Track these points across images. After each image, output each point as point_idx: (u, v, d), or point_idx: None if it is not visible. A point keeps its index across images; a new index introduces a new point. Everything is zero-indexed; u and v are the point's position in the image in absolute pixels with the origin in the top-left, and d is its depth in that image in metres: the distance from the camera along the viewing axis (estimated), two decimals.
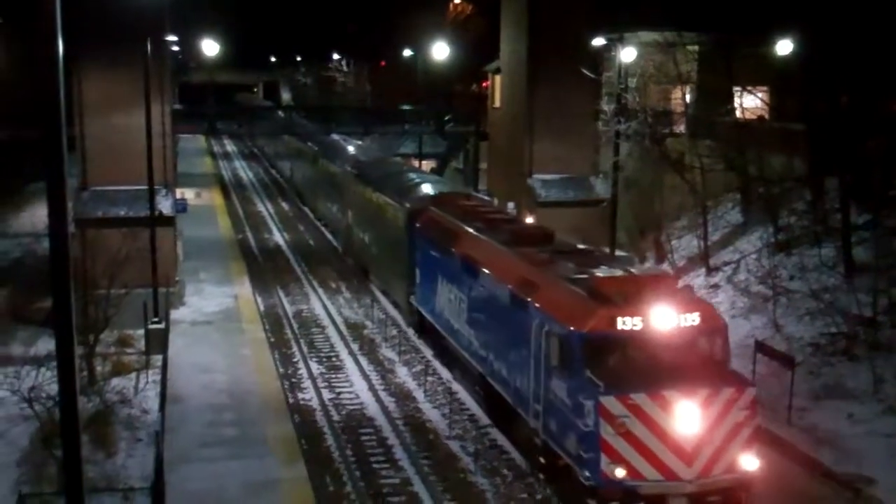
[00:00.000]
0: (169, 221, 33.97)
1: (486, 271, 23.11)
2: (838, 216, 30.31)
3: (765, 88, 40.42)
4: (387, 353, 30.33)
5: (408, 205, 32.13)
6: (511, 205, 42.15)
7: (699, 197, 36.08)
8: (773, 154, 34.82)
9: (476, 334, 23.97)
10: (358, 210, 41.07)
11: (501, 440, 22.75)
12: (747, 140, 35.57)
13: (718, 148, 36.76)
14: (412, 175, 38.14)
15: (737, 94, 38.75)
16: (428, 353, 29.57)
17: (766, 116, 40.27)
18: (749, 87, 38.72)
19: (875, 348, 24.55)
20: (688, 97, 40.44)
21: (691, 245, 37.11)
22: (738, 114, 38.30)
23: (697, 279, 33.59)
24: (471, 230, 26.41)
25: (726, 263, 33.94)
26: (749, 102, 39.11)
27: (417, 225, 30.35)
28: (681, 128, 40.81)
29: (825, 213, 32.02)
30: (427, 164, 59.98)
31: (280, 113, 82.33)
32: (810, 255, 30.50)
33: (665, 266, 36.41)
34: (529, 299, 19.74)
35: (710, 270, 33.94)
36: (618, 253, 33.39)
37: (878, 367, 23.55)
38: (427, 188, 33.80)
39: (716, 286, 32.50)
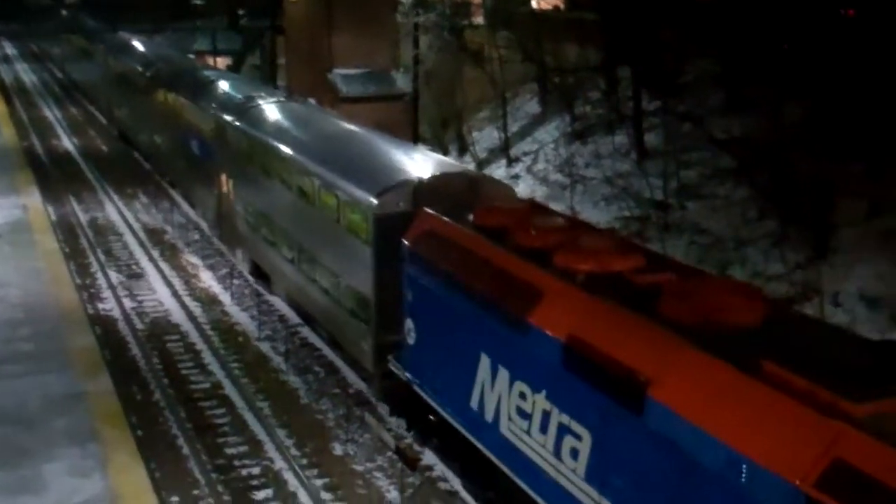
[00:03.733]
0: None
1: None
2: (631, 104, 31.25)
3: None
4: (189, 258, 29.62)
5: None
6: (312, 101, 41.49)
7: (498, 89, 36.44)
8: (569, 44, 35.40)
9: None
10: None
11: (312, 338, 22.74)
12: (544, 31, 35.98)
13: (516, 39, 37.05)
14: (207, 73, 36.54)
15: None
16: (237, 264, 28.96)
17: (562, 6, 40.80)
18: None
19: (666, 230, 25.66)
20: None
21: (492, 136, 37.62)
22: (534, 4, 38.62)
23: (499, 170, 34.12)
24: None
25: (526, 154, 34.60)
26: None
27: None
28: (479, 19, 40.87)
29: (618, 101, 32.95)
30: (222, 62, 58.05)
31: (63, 12, 77.69)
32: (605, 143, 31.45)
33: (467, 158, 36.82)
34: None
35: (511, 161, 34.54)
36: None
37: (668, 248, 24.68)
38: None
39: (516, 176, 33.11)
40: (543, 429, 12.57)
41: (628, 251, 13.62)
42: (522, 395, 13.07)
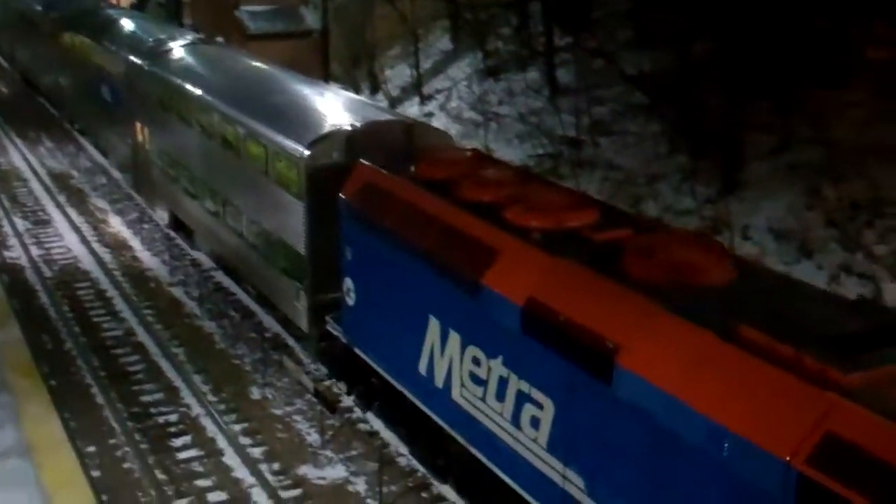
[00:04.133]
0: None
1: None
2: (543, 40, 31.21)
3: None
4: (97, 202, 28.95)
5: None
6: (220, 40, 40.57)
7: (409, 25, 36.06)
8: None
9: None
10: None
11: (227, 282, 22.48)
12: None
13: None
14: (113, 13, 35.36)
15: None
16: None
17: None
18: None
19: (579, 166, 25.83)
20: None
21: (404, 74, 37.29)
22: None
23: (412, 109, 33.90)
24: None
25: (439, 91, 34.41)
26: None
27: None
28: None
29: (530, 37, 32.87)
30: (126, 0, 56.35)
31: None
32: (517, 80, 31.41)
33: (380, 97, 36.49)
34: None
35: (424, 99, 34.32)
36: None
37: (582, 184, 24.85)
38: None
39: (430, 115, 32.93)
40: (500, 396, 11.91)
41: (581, 204, 12.97)
42: (476, 361, 12.37)
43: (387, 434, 16.10)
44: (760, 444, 8.37)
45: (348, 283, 15.87)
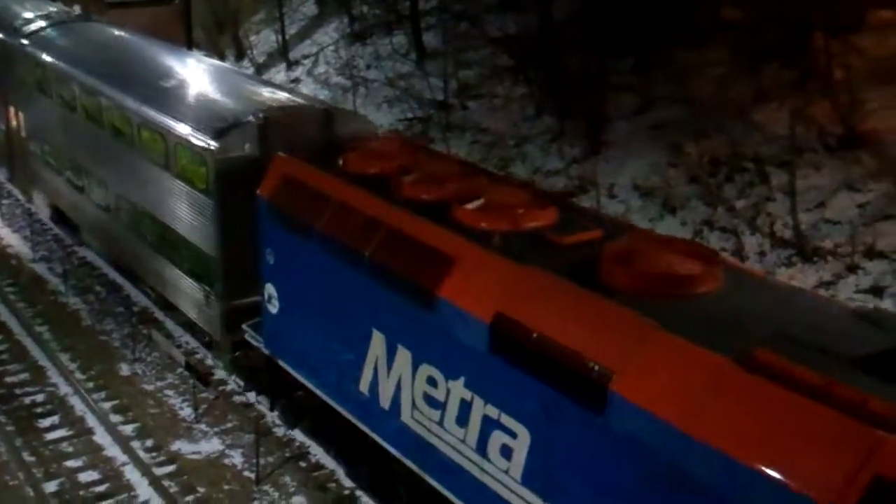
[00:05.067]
0: None
1: None
2: (408, 4, 31.13)
3: None
4: None
5: None
6: (77, 8, 39.16)
7: None
8: None
9: None
10: None
11: (91, 257, 21.88)
12: None
13: None
14: None
15: None
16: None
17: None
18: None
19: (448, 129, 25.93)
20: None
21: (270, 40, 36.75)
22: None
23: (279, 75, 33.47)
24: None
25: (306, 56, 34.04)
26: None
27: None
28: None
29: (395, 1, 32.73)
30: None
31: None
32: (384, 44, 31.31)
33: (245, 63, 35.88)
34: None
35: (291, 65, 33.92)
36: None
37: (452, 147, 24.96)
38: None
39: (297, 80, 32.58)
40: (462, 421, 10.50)
41: (538, 201, 11.60)
42: (432, 381, 10.94)
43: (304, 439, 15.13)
44: (795, 487, 7.15)
45: (270, 289, 14.10)
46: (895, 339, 8.32)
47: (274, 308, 14.12)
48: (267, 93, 17.47)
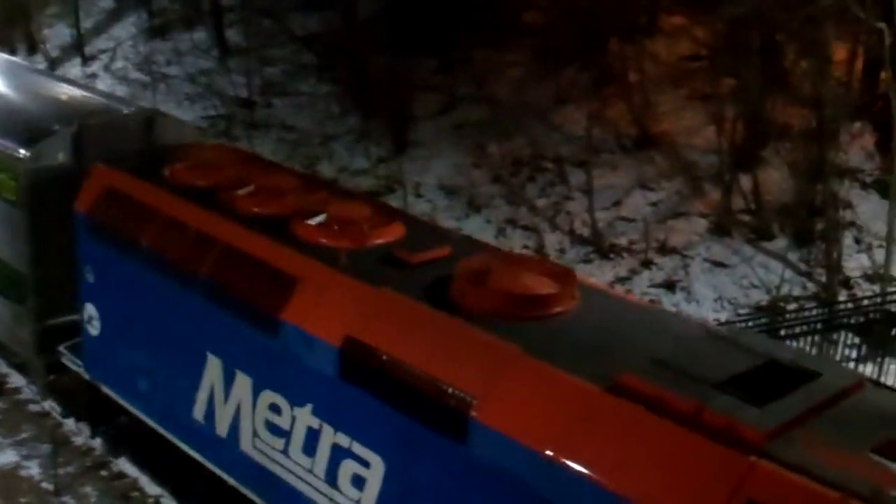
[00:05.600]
0: None
1: None
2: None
3: None
4: None
5: None
6: None
7: None
8: None
9: None
10: None
11: None
12: None
13: None
14: None
15: None
16: None
17: None
18: None
19: (253, 127, 25.59)
20: None
21: (64, 34, 35.35)
22: None
23: (74, 69, 32.24)
24: None
25: (102, 51, 32.94)
26: None
27: None
28: None
29: None
30: None
31: None
32: (185, 40, 30.68)
33: (38, 58, 34.40)
34: None
35: (87, 60, 32.76)
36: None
37: (256, 145, 24.62)
38: None
39: (94, 75, 31.49)
40: (309, 450, 9.95)
41: (383, 216, 11.04)
42: (275, 408, 10.30)
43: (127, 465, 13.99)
44: None
45: (90, 309, 13.02)
46: (754, 359, 8.20)
47: (95, 329, 13.15)
48: (85, 98, 16.26)
